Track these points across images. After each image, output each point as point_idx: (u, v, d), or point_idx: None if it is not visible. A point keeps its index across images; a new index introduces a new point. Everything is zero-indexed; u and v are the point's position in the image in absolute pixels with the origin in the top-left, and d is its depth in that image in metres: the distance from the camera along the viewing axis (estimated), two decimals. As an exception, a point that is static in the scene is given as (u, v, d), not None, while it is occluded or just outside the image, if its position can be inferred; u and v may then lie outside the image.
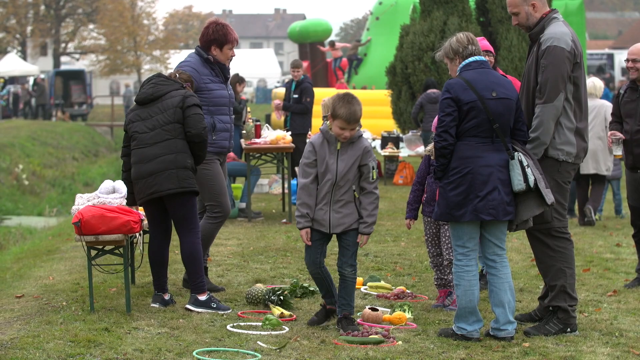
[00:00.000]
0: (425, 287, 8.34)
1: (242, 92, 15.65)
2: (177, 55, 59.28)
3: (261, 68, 61.86)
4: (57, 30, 63.11)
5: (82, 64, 63.71)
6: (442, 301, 7.56)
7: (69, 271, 9.17)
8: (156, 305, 7.34)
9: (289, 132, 13.08)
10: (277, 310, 7.12)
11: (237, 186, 13.34)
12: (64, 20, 63.95)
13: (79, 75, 50.22)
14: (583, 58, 6.69)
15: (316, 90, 15.72)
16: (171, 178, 7.17)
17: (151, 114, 7.29)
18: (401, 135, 20.68)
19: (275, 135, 12.51)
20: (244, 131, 13.30)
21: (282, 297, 7.38)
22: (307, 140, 13.97)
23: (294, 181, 13.44)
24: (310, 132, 14.65)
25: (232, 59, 8.07)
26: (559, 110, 6.50)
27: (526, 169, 6.28)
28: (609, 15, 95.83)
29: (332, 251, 8.72)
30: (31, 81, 49.42)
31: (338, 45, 34.58)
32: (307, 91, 14.59)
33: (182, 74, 7.60)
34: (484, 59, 6.54)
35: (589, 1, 75.27)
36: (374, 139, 22.51)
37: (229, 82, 8.28)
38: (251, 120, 13.54)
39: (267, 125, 13.16)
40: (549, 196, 6.34)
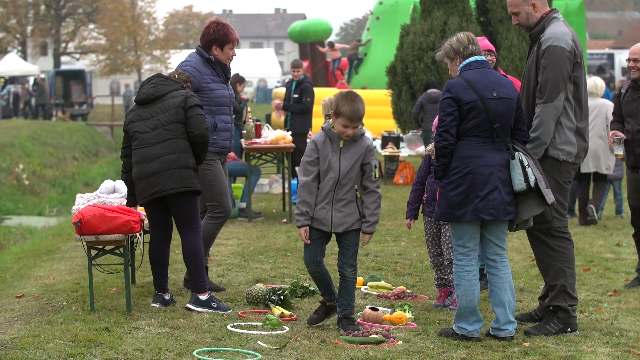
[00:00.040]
0: (425, 287, 8.33)
1: (243, 91, 15.65)
2: (178, 55, 59.29)
3: (261, 68, 61.88)
4: (58, 30, 63.11)
5: (82, 63, 63.72)
6: (442, 301, 7.55)
7: (69, 271, 9.17)
8: (156, 305, 7.34)
9: (289, 132, 13.07)
10: (277, 310, 7.12)
11: (238, 186, 13.34)
12: (64, 20, 63.95)
13: (79, 75, 50.25)
14: (583, 58, 6.69)
15: (316, 90, 15.72)
16: (174, 178, 7.16)
17: (152, 113, 7.28)
18: (401, 135, 20.67)
19: (276, 135, 12.50)
20: (245, 131, 13.29)
21: (282, 297, 7.37)
22: (308, 140, 14.01)
23: (294, 181, 13.44)
24: (310, 132, 14.65)
25: (233, 58, 8.07)
26: (559, 110, 6.49)
27: (527, 169, 6.28)
28: (609, 15, 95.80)
29: (332, 251, 8.72)
30: (31, 81, 49.44)
31: (337, 46, 34.59)
32: (307, 91, 14.59)
33: (180, 74, 7.59)
34: (484, 58, 6.53)
35: (589, 1, 75.24)
36: (374, 139, 22.49)
37: (229, 82, 8.27)
38: (251, 120, 13.54)
39: (267, 125, 13.15)
40: (550, 196, 6.34)
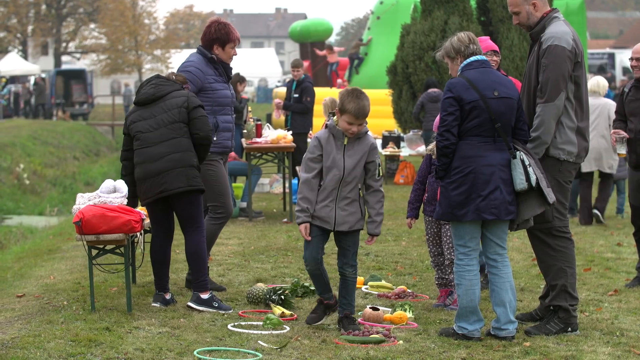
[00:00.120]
0: (426, 286, 8.33)
1: (243, 91, 15.65)
2: (178, 55, 59.36)
3: (262, 67, 61.93)
4: (58, 30, 63.13)
5: (83, 63, 63.77)
6: (443, 301, 7.55)
7: (69, 270, 9.17)
8: (157, 305, 7.34)
9: (290, 132, 13.08)
10: (278, 310, 7.12)
11: (238, 185, 13.34)
12: (65, 20, 63.97)
13: (80, 74, 50.30)
14: (584, 57, 6.69)
15: (317, 90, 15.71)
16: (180, 176, 7.16)
17: (154, 113, 7.27)
18: (402, 134, 20.67)
19: (276, 135, 12.50)
20: (245, 130, 13.30)
21: (283, 297, 7.37)
22: (308, 139, 14.01)
23: (294, 180, 13.44)
24: (311, 131, 14.65)
25: (233, 58, 8.07)
26: (560, 110, 6.49)
27: (528, 168, 6.27)
28: (610, 15, 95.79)
29: (333, 251, 8.72)
30: (32, 81, 49.47)
31: (336, 49, 34.63)
32: (308, 91, 14.58)
33: (178, 75, 7.59)
34: (485, 58, 6.53)
35: (590, 0, 75.20)
36: (375, 139, 22.49)
37: (230, 82, 8.27)
38: (252, 120, 13.55)
39: (268, 124, 13.15)
40: (551, 195, 6.34)
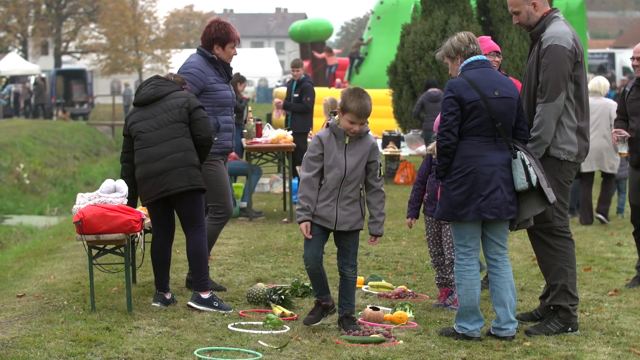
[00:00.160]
0: (426, 286, 8.33)
1: (243, 91, 15.65)
2: (178, 55, 59.40)
3: (262, 67, 61.95)
4: (58, 30, 63.13)
5: (83, 63, 63.79)
6: (443, 300, 7.55)
7: (70, 270, 9.17)
8: (157, 305, 7.33)
9: (290, 132, 13.07)
10: (278, 310, 7.12)
11: (238, 185, 13.34)
12: (65, 20, 63.98)
13: (80, 74, 50.32)
14: (584, 57, 6.69)
15: (317, 90, 15.72)
16: (182, 176, 7.16)
17: (154, 113, 7.27)
18: (402, 134, 20.67)
19: (277, 135, 12.50)
20: (245, 130, 13.29)
21: (283, 297, 7.37)
22: (309, 139, 14.00)
23: (295, 180, 13.43)
24: (311, 131, 14.64)
25: (233, 57, 8.07)
26: (560, 109, 6.49)
27: (528, 168, 6.27)
28: (610, 15, 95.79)
29: (333, 250, 8.72)
30: (32, 80, 49.48)
31: (335, 51, 34.63)
32: (308, 90, 14.58)
33: (176, 76, 7.59)
34: (485, 58, 6.53)
35: (590, 0, 75.20)
36: (375, 138, 22.48)
37: (230, 82, 8.27)
38: (252, 120, 13.54)
39: (268, 124, 13.15)
40: (551, 195, 6.34)
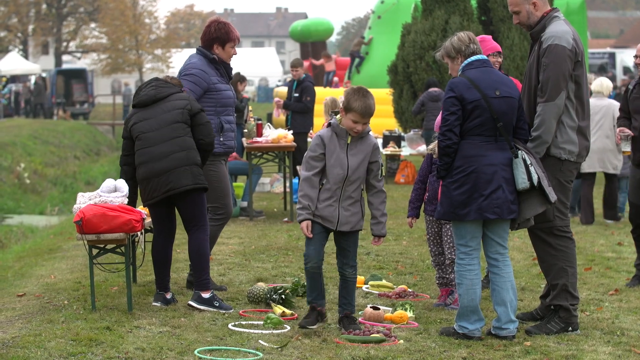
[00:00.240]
0: (426, 285, 8.33)
1: (244, 90, 15.66)
2: (179, 54, 59.40)
3: (263, 67, 61.96)
4: (59, 29, 63.13)
5: (83, 62, 63.80)
6: (443, 300, 7.55)
7: (70, 270, 9.17)
8: (158, 304, 7.34)
9: (291, 131, 13.08)
10: (278, 309, 7.12)
11: (239, 185, 13.34)
12: (65, 19, 63.97)
13: (80, 74, 50.36)
14: (584, 57, 6.69)
15: (317, 89, 15.72)
16: (186, 174, 7.16)
17: (155, 114, 7.28)
18: (403, 134, 20.67)
19: (277, 134, 12.50)
20: (246, 130, 13.29)
21: (283, 296, 7.37)
22: (309, 139, 14.01)
23: (295, 180, 13.43)
24: (312, 131, 14.64)
25: (233, 57, 8.07)
26: (561, 109, 6.49)
27: (530, 167, 6.27)
28: (610, 14, 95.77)
29: (332, 250, 8.71)
30: (33, 80, 49.50)
31: (333, 57, 34.70)
32: (308, 90, 14.59)
33: (173, 79, 7.60)
34: (485, 57, 6.53)
35: (590, 0, 75.20)
36: (375, 138, 22.48)
37: (230, 82, 8.27)
38: (253, 119, 13.54)
39: (268, 124, 13.16)
40: (552, 194, 6.34)
